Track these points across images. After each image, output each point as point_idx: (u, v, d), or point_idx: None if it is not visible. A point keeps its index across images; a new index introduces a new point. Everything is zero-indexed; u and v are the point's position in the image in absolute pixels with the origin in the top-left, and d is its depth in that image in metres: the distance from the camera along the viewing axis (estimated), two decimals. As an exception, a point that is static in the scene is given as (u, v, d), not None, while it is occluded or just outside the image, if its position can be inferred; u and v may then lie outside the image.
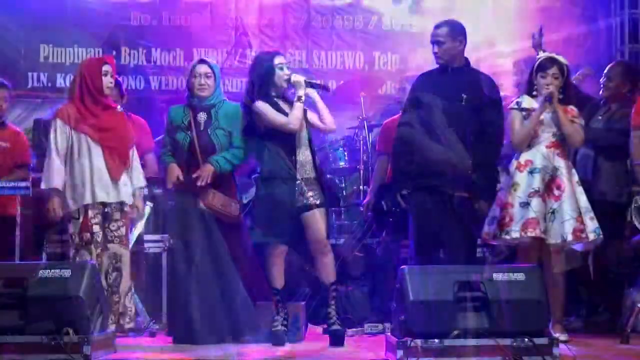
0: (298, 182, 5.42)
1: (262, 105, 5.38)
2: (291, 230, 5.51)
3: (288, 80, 5.50)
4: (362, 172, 7.28)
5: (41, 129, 7.28)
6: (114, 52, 7.83)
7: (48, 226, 6.44)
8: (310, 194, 5.42)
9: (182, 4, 8.19)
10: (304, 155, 5.52)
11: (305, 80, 5.50)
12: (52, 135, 5.40)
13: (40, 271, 4.66)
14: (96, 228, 5.37)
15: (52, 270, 4.66)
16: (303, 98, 5.42)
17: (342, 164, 6.78)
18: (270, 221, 5.46)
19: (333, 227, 6.85)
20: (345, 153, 7.22)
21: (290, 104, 5.45)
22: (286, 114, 5.39)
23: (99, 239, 5.38)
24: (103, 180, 5.38)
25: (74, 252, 5.29)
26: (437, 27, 5.61)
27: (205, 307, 5.37)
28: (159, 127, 6.22)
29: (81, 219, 5.33)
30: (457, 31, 5.55)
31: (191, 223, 5.43)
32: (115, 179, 5.43)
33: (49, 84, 7.98)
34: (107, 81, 5.50)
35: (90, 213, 5.33)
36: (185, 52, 8.09)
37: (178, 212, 5.63)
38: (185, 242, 5.46)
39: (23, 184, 6.16)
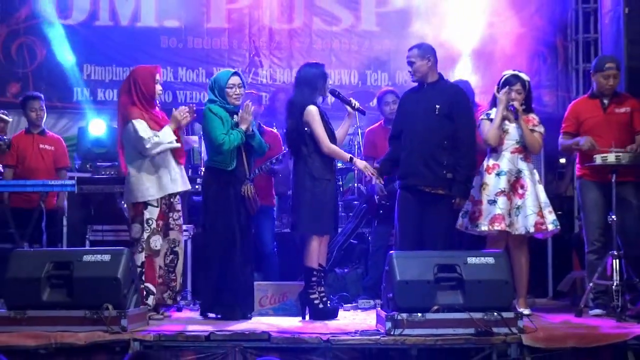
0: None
1: (315, 110, 5.33)
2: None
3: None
4: (356, 172, 7.28)
5: (86, 136, 7.33)
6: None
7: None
8: None
9: (204, 30, 8.18)
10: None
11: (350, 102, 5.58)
12: (141, 134, 5.17)
13: (84, 256, 4.69)
14: (166, 216, 5.32)
15: (94, 256, 4.69)
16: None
17: (339, 165, 6.77)
18: (331, 213, 5.46)
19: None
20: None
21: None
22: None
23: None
24: (174, 173, 5.31)
25: (148, 236, 5.18)
26: (409, 50, 5.60)
27: (235, 283, 5.32)
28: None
29: (159, 207, 5.27)
30: (425, 51, 5.50)
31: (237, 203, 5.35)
32: (180, 171, 5.38)
33: (91, 98, 7.97)
34: (158, 88, 5.43)
35: (164, 202, 5.29)
36: (206, 71, 8.09)
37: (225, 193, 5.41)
38: (232, 217, 5.34)
39: (70, 182, 6.16)
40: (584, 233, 5.87)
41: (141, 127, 5.16)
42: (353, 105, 5.54)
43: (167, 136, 5.21)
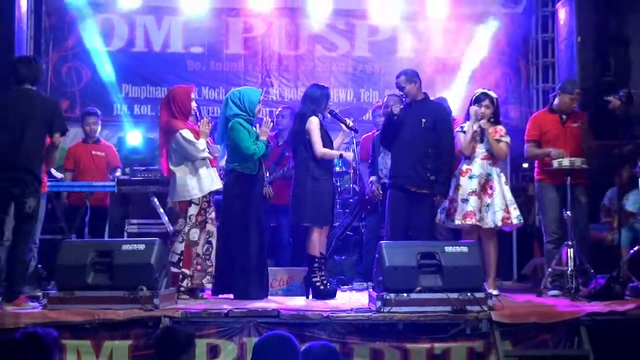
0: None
1: (316, 121, 5.32)
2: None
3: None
4: (351, 174, 7.28)
5: (124, 145, 7.34)
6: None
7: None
8: None
9: (224, 56, 8.18)
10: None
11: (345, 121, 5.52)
12: (193, 142, 5.17)
13: (123, 245, 4.71)
14: (203, 211, 5.28)
15: (131, 245, 4.71)
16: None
17: (337, 168, 6.77)
18: (329, 208, 5.43)
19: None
20: (340, 161, 7.21)
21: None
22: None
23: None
24: (211, 174, 5.27)
25: (188, 229, 5.15)
26: (397, 77, 5.64)
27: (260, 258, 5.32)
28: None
29: (200, 204, 5.23)
30: (411, 76, 5.55)
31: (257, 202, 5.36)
32: (214, 173, 5.35)
33: (129, 112, 7.97)
34: (193, 104, 5.43)
35: (204, 200, 5.24)
36: (225, 90, 8.02)
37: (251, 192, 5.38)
38: (252, 214, 5.31)
39: (111, 184, 6.17)
40: (543, 227, 5.88)
41: (189, 136, 5.16)
42: (347, 124, 5.52)
43: (204, 145, 5.22)
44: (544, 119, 5.92)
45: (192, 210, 5.20)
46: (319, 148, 5.29)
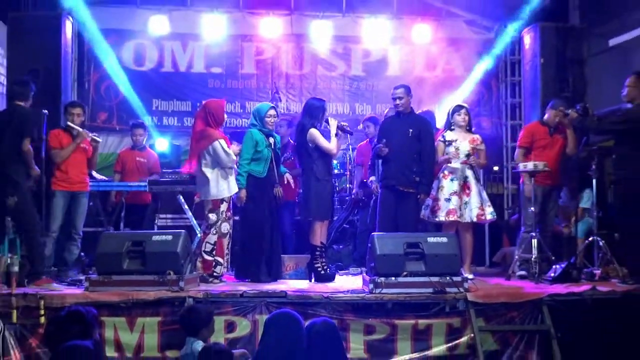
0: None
1: (317, 133, 5.30)
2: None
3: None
4: (348, 175, 7.28)
5: (155, 150, 7.33)
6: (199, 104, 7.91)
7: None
8: None
9: (239, 75, 8.17)
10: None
11: (339, 123, 5.45)
12: (228, 152, 5.13)
13: (153, 236, 4.73)
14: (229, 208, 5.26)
15: (160, 236, 4.73)
16: (338, 134, 5.40)
17: (336, 170, 6.77)
18: (329, 205, 5.44)
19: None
20: (338, 164, 7.22)
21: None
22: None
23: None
24: (234, 177, 5.26)
25: (220, 223, 5.13)
26: (396, 88, 5.63)
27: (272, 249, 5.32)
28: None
29: (228, 202, 5.20)
30: (407, 90, 5.58)
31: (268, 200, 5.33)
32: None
33: (158, 123, 7.97)
34: (225, 116, 5.39)
35: (231, 198, 5.23)
36: (240, 104, 8.09)
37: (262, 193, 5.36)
38: (263, 211, 5.30)
39: (143, 184, 6.16)
40: (522, 219, 5.88)
41: (225, 146, 5.13)
42: (343, 128, 5.50)
43: (234, 156, 5.22)
44: (536, 129, 5.90)
45: (223, 207, 5.18)
46: (329, 145, 5.30)
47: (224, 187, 5.15)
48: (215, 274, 5.13)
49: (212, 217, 5.15)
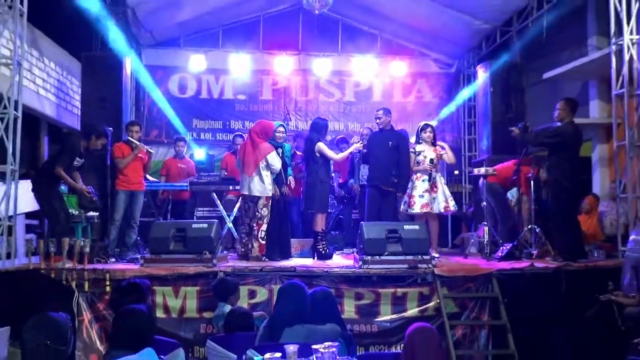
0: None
1: (324, 145, 5.29)
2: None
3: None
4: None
5: (193, 159, 7.30)
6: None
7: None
8: None
9: (259, 101, 8.16)
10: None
11: (358, 148, 5.51)
12: (277, 162, 5.07)
13: (193, 225, 4.72)
14: None
15: (198, 224, 4.72)
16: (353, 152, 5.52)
17: (333, 174, 6.77)
18: (327, 201, 5.44)
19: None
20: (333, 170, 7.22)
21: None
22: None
23: None
24: None
25: (267, 214, 5.04)
26: (377, 110, 5.64)
27: (281, 236, 5.26)
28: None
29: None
30: (386, 112, 5.57)
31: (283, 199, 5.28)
32: None
33: (196, 137, 7.97)
34: (274, 133, 5.23)
35: None
36: (260, 123, 8.14)
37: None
38: (281, 204, 5.26)
39: (185, 185, 6.15)
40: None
41: (276, 156, 5.07)
42: (360, 150, 5.60)
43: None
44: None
45: (270, 202, 5.09)
46: (335, 156, 5.38)
47: (270, 187, 5.06)
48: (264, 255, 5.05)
49: (264, 210, 5.06)
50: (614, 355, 4.21)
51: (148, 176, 5.98)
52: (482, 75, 7.47)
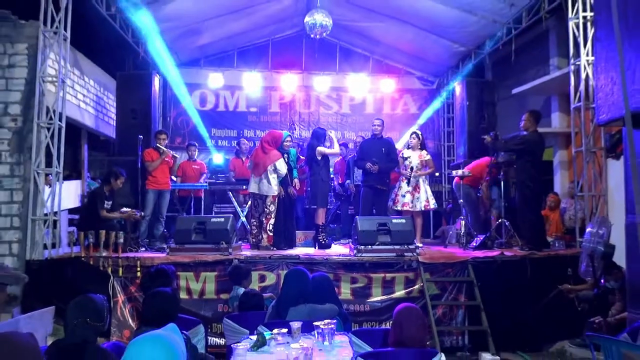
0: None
1: (327, 149, 5.28)
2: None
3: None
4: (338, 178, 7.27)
5: (212, 163, 7.30)
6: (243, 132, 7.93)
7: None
8: None
9: (268, 113, 8.15)
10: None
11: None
12: (283, 167, 4.98)
13: (212, 219, 4.70)
14: None
15: (216, 218, 4.70)
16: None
17: (332, 175, 6.77)
18: (327, 198, 5.40)
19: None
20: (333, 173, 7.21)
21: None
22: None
23: None
24: None
25: (275, 209, 5.00)
26: (376, 119, 5.67)
27: (286, 228, 5.20)
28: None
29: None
30: (382, 122, 5.57)
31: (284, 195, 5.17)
32: None
33: (215, 144, 7.94)
34: (283, 143, 5.17)
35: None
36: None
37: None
38: (287, 201, 5.20)
39: (205, 184, 6.15)
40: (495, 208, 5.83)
41: (283, 162, 5.03)
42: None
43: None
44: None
45: (275, 199, 5.07)
46: (333, 150, 5.36)
47: (276, 187, 5.04)
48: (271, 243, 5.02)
49: (272, 207, 5.04)
50: (573, 331, 4.22)
51: (173, 177, 5.98)
52: (459, 90, 7.48)
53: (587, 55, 4.97)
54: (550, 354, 4.21)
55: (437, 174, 7.96)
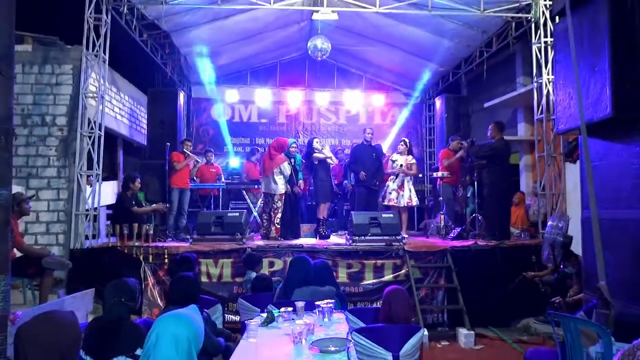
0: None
1: (318, 154, 5.24)
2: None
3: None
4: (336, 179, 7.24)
5: (228, 166, 7.26)
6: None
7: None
8: None
9: (277, 123, 8.12)
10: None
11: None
12: (288, 170, 4.94)
13: (228, 213, 4.70)
14: None
15: (232, 213, 4.70)
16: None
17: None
18: (328, 194, 5.33)
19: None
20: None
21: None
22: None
23: None
24: None
25: (281, 205, 4.94)
26: (369, 128, 5.64)
27: (292, 222, 5.12)
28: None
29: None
30: (373, 131, 5.57)
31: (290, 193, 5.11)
32: None
33: (233, 150, 7.93)
34: (288, 148, 5.15)
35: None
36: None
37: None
38: (293, 199, 5.13)
39: (223, 184, 6.13)
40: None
41: (287, 165, 4.99)
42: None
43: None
44: (447, 153, 5.73)
45: (282, 197, 5.03)
46: (323, 155, 5.25)
47: (282, 187, 5.01)
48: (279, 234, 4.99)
49: (279, 203, 5.01)
50: (537, 310, 4.21)
51: (195, 178, 5.96)
52: (439, 104, 7.47)
53: (548, 74, 4.97)
54: (517, 329, 4.21)
55: (420, 175, 7.94)
